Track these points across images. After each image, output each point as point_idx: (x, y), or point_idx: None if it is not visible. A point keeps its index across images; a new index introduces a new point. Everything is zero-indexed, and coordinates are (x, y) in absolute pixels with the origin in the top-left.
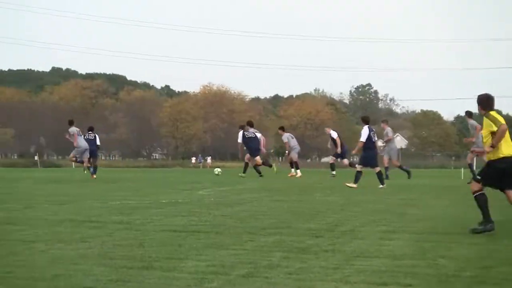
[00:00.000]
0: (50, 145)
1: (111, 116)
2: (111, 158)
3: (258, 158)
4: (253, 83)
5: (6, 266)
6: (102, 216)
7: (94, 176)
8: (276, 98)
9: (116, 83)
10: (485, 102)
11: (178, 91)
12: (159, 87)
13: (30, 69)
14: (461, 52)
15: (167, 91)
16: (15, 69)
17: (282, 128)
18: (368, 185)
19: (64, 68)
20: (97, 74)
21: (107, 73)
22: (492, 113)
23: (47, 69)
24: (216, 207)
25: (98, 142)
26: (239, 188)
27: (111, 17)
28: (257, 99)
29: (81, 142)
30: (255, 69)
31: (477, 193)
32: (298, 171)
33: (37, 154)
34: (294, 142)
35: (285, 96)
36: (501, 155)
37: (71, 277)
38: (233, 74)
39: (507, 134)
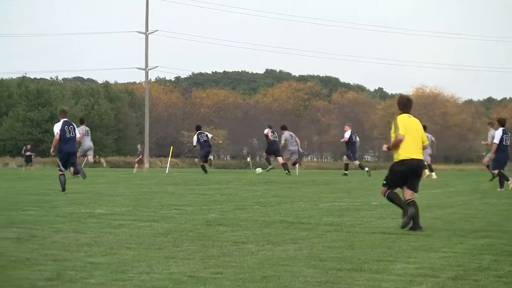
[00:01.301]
0: (263, 146)
1: (323, 118)
2: (323, 159)
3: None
4: (466, 85)
5: (217, 266)
6: (312, 218)
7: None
8: (490, 100)
9: (329, 85)
10: (401, 104)
11: (391, 94)
12: (372, 90)
13: (245, 71)
14: None
15: (380, 93)
16: (230, 71)
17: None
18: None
19: (277, 70)
20: (310, 76)
21: (320, 75)
22: (400, 118)
23: (261, 71)
24: (425, 209)
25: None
26: (450, 191)
27: (321, 19)
28: (469, 102)
29: (87, 142)
30: (465, 72)
31: (387, 192)
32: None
33: (250, 155)
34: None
35: (499, 98)
36: (400, 158)
37: (280, 278)
38: (444, 76)
39: (409, 140)
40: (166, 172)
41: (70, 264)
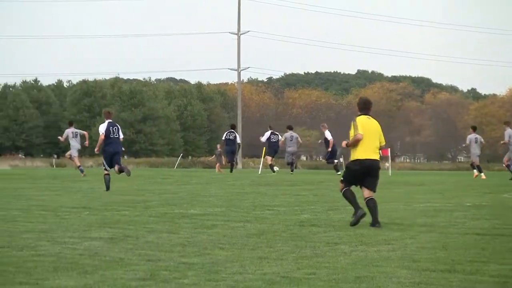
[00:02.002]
0: None
1: (416, 119)
2: (416, 160)
3: None
4: None
5: (310, 267)
6: (406, 219)
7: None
8: None
9: (421, 85)
10: (360, 105)
11: (484, 94)
12: (465, 90)
13: (337, 72)
14: None
15: (473, 94)
16: (322, 71)
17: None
18: None
19: (369, 70)
20: (402, 76)
21: (412, 75)
22: (359, 119)
23: (353, 71)
24: None
25: (238, 141)
26: None
27: (413, 19)
28: None
29: (73, 144)
30: None
31: (343, 189)
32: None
33: (342, 156)
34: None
35: None
36: (355, 158)
37: (373, 279)
38: None
39: (366, 140)
40: (259, 172)
41: (163, 264)
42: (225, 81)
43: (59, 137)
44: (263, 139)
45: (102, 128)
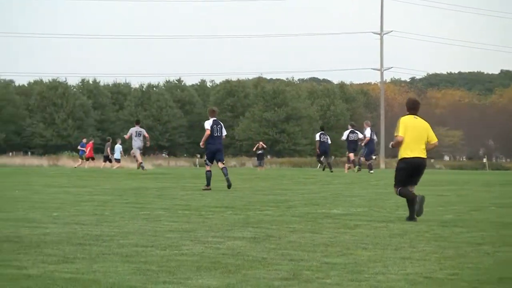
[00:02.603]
0: (499, 148)
1: None
2: None
3: None
4: None
5: (453, 268)
6: None
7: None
8: None
9: None
10: (409, 105)
11: None
12: None
13: (480, 72)
14: None
15: None
16: (465, 71)
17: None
18: None
19: None
20: None
21: None
22: (403, 119)
23: (496, 71)
24: None
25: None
26: None
27: None
28: None
29: (135, 142)
30: None
31: (398, 189)
32: None
33: (486, 156)
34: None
35: None
36: (402, 157)
37: None
38: None
39: (410, 140)
40: None
41: (306, 264)
42: (368, 81)
43: (125, 136)
44: (343, 137)
45: (208, 124)
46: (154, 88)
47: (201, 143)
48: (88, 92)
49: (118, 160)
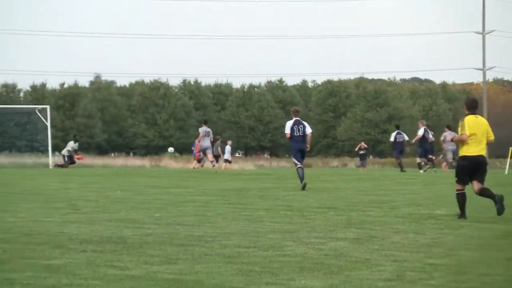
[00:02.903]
0: None
1: None
2: None
3: None
4: None
5: None
6: None
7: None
8: None
9: None
10: (468, 104)
11: None
12: None
13: None
14: None
15: None
16: None
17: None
18: None
19: None
20: None
21: None
22: (467, 119)
23: None
24: None
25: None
26: None
27: None
28: None
29: (203, 142)
30: None
31: (459, 191)
32: None
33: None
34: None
35: None
36: (464, 154)
37: None
38: None
39: (476, 139)
40: (505, 173)
41: (409, 265)
42: (470, 81)
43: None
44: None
45: (288, 127)
46: (256, 89)
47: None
48: (189, 93)
49: (228, 161)
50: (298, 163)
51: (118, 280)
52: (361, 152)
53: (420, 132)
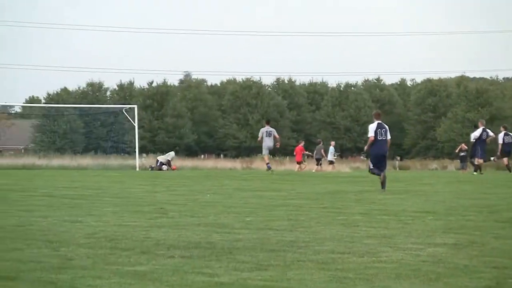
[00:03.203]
0: None
1: None
2: None
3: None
4: None
5: None
6: None
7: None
8: None
9: None
10: None
11: None
12: None
13: None
14: None
15: None
16: None
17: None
18: None
19: None
20: None
21: None
22: None
23: None
24: None
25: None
26: None
27: None
28: None
29: (264, 143)
30: None
31: None
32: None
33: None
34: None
35: None
36: None
37: None
38: None
39: None
40: None
41: (510, 272)
42: None
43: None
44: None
45: (372, 130)
46: (352, 88)
47: (365, 148)
48: (283, 92)
49: (331, 162)
50: (376, 171)
51: (206, 287)
52: (462, 154)
53: (478, 132)
